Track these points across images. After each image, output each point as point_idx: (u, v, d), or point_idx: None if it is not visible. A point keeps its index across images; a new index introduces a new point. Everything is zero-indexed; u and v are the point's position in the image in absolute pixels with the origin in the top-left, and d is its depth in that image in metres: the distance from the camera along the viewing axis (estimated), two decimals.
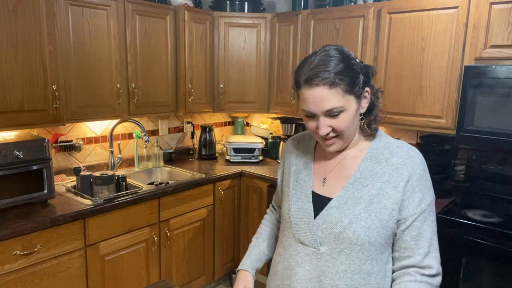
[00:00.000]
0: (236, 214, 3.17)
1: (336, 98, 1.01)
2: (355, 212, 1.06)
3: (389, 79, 2.56)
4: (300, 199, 1.17)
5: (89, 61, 2.41)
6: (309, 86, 1.01)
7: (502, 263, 1.93)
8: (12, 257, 1.87)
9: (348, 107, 1.03)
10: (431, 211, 1.09)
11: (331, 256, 1.08)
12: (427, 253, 1.07)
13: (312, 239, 1.11)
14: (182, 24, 2.88)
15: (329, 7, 2.91)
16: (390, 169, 1.09)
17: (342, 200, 1.09)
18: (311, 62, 1.03)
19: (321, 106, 1.02)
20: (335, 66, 1.01)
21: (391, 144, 1.14)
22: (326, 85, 1.00)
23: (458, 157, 2.58)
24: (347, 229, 1.06)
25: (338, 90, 1.00)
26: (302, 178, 1.20)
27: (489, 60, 2.16)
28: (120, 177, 2.55)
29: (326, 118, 1.04)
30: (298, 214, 1.15)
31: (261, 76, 3.24)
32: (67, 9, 2.27)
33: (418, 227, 1.07)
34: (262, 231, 1.42)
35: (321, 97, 1.01)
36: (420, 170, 1.09)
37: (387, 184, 1.07)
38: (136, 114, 2.73)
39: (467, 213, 2.15)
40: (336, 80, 1.00)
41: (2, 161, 1.96)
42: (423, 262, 1.07)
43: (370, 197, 1.07)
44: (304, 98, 1.04)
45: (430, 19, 2.35)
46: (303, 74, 1.03)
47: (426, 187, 1.09)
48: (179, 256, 2.74)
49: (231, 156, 3.29)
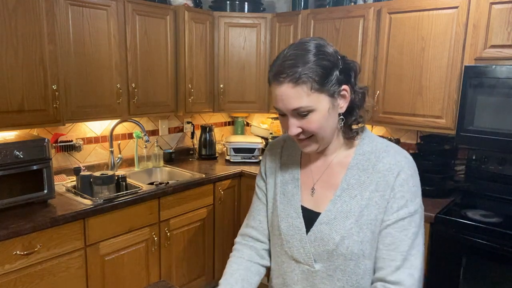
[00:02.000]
0: (236, 214, 3.16)
1: (302, 96, 0.93)
2: (346, 227, 1.00)
3: (389, 79, 2.56)
4: (290, 215, 1.09)
5: (89, 61, 2.41)
6: (277, 83, 0.94)
7: (502, 263, 1.93)
8: (12, 257, 1.87)
9: (318, 106, 0.94)
10: (413, 221, 0.98)
11: (326, 274, 1.03)
12: (399, 267, 0.96)
13: (306, 257, 1.05)
14: (182, 24, 2.88)
15: (329, 7, 2.91)
16: (377, 176, 1.01)
17: (331, 215, 1.02)
18: (284, 56, 0.95)
19: (287, 105, 0.95)
20: (304, 62, 0.92)
21: (378, 148, 1.05)
22: (290, 83, 0.92)
23: (458, 157, 2.58)
24: (340, 246, 1.00)
25: (304, 88, 0.92)
26: (290, 191, 1.12)
27: (489, 60, 2.16)
28: (120, 177, 2.55)
29: (294, 118, 0.97)
30: (289, 231, 1.07)
31: (261, 76, 3.24)
32: (67, 9, 2.27)
33: (392, 235, 0.98)
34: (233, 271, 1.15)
35: (287, 95, 0.93)
36: (406, 175, 1.00)
37: (375, 193, 1.00)
38: (136, 114, 2.73)
39: (467, 213, 2.15)
40: (302, 77, 0.91)
41: (2, 161, 1.96)
42: (391, 276, 0.96)
43: (359, 209, 1.00)
44: (273, 95, 0.97)
45: (430, 19, 2.35)
46: (273, 69, 0.96)
47: (410, 193, 0.99)
48: (179, 256, 2.74)
49: (231, 156, 3.29)
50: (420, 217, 1.01)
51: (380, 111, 2.63)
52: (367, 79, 2.65)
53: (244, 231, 1.22)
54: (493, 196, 2.40)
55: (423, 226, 1.01)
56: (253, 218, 1.20)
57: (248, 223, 1.22)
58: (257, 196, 1.21)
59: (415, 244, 0.97)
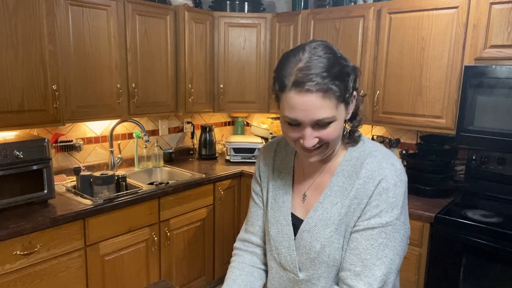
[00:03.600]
0: (236, 214, 3.17)
1: (329, 107, 0.87)
2: (326, 236, 0.97)
3: (389, 79, 2.56)
4: (279, 221, 1.07)
5: (89, 61, 2.41)
6: (299, 91, 0.85)
7: (502, 263, 1.93)
8: (12, 257, 1.87)
9: (339, 116, 0.90)
10: (384, 232, 0.92)
11: (311, 282, 1.02)
12: (358, 274, 0.92)
13: (292, 265, 1.04)
14: (182, 24, 2.88)
15: (329, 7, 2.91)
16: (358, 183, 0.96)
17: (312, 223, 1.00)
18: (298, 60, 0.87)
19: (311, 116, 0.87)
20: (329, 69, 0.85)
21: (365, 153, 0.99)
22: (320, 92, 0.85)
23: (458, 157, 2.58)
24: (321, 254, 0.98)
25: (332, 99, 0.86)
26: (281, 197, 1.09)
27: (489, 60, 2.16)
28: (120, 177, 2.55)
29: (312, 128, 0.90)
30: (278, 238, 1.06)
31: (261, 76, 3.24)
32: (67, 9, 2.27)
33: (357, 241, 0.94)
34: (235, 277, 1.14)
35: (313, 106, 0.85)
36: (387, 184, 0.93)
37: (354, 201, 0.96)
38: (136, 114, 2.73)
39: (467, 213, 2.15)
40: (332, 87, 0.85)
41: (2, 161, 1.96)
42: (350, 280, 0.93)
43: (339, 217, 0.97)
44: (291, 104, 0.87)
45: (430, 19, 2.35)
46: (290, 75, 0.86)
47: (387, 204, 0.93)
48: (179, 256, 2.74)
49: (231, 156, 3.29)
50: (395, 230, 0.93)
51: (380, 111, 2.63)
52: (367, 79, 2.65)
53: (243, 236, 1.21)
54: (493, 196, 2.40)
55: (399, 240, 0.94)
56: (251, 224, 1.18)
57: (247, 228, 1.20)
58: (254, 202, 1.19)
59: (381, 255, 0.92)
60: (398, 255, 0.95)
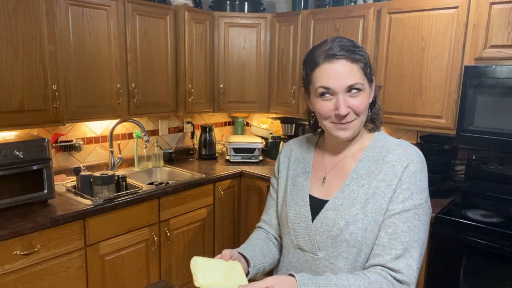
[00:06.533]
0: (236, 214, 3.17)
1: (358, 73, 1.00)
2: (351, 213, 1.03)
3: (389, 79, 2.56)
4: (298, 203, 1.14)
5: (89, 61, 2.41)
6: (331, 61, 1.00)
7: (502, 263, 1.93)
8: (12, 257, 1.87)
9: (366, 87, 1.03)
10: (417, 214, 1.01)
11: (329, 261, 1.06)
12: (399, 257, 0.98)
13: (310, 244, 1.09)
14: (182, 24, 2.88)
15: (329, 7, 2.91)
16: (386, 166, 1.04)
17: (338, 202, 1.06)
18: (327, 44, 1.02)
19: (342, 82, 0.99)
20: (354, 46, 1.02)
21: (390, 142, 1.10)
22: (349, 59, 0.99)
23: (458, 157, 2.58)
24: (344, 231, 1.02)
25: (359, 67, 1.01)
26: (300, 182, 1.17)
27: (489, 60, 2.16)
28: (120, 177, 2.55)
29: (345, 97, 1.01)
30: (296, 219, 1.12)
31: (261, 76, 3.24)
32: (67, 9, 2.27)
33: (395, 225, 1.00)
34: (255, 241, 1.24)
35: (343, 72, 0.99)
36: (415, 167, 1.03)
37: (382, 183, 1.03)
38: (136, 114, 2.73)
39: (467, 213, 2.15)
40: (357, 57, 1.00)
41: (2, 161, 1.96)
42: (391, 263, 0.98)
43: (366, 197, 1.03)
44: (324, 74, 1.01)
45: (430, 19, 2.35)
46: (321, 54, 1.01)
47: (417, 186, 1.02)
48: (179, 256, 2.74)
49: (231, 156, 3.29)
50: (425, 212, 1.02)
51: None
52: None
53: (258, 224, 1.34)
54: (493, 196, 2.40)
55: (427, 223, 1.03)
56: (265, 213, 1.30)
57: (262, 217, 1.32)
58: (270, 193, 1.29)
59: (417, 238, 0.99)
60: (426, 237, 1.04)
